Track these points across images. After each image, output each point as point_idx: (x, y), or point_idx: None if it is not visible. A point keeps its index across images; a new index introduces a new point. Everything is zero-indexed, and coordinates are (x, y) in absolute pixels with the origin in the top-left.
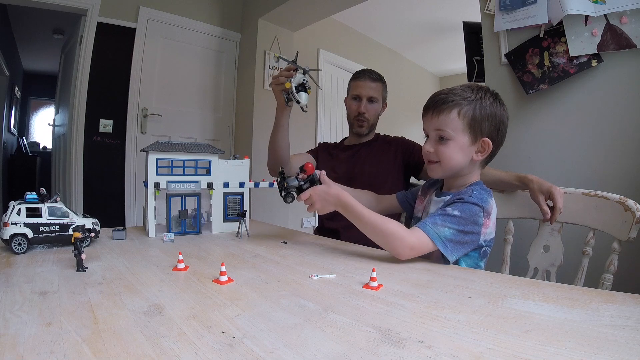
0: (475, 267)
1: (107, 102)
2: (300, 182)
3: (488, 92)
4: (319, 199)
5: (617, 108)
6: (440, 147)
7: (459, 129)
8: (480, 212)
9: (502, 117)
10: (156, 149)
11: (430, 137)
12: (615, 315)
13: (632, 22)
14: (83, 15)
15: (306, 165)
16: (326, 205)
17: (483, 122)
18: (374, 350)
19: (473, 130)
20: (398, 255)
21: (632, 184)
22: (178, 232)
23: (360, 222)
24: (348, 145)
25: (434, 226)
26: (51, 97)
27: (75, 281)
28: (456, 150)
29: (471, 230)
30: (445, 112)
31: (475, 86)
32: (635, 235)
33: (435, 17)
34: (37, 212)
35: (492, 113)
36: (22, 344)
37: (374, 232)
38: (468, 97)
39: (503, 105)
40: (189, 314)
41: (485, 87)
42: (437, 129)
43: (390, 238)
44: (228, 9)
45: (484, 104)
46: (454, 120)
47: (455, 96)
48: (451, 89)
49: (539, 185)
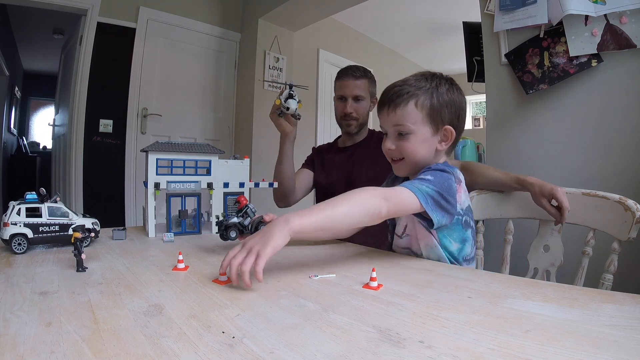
0: (462, 240)
1: (107, 102)
2: (238, 217)
3: (443, 79)
4: (257, 239)
5: (617, 108)
6: (401, 143)
7: (419, 120)
8: (450, 177)
9: (460, 103)
10: (156, 149)
11: (389, 133)
12: (615, 315)
13: (632, 22)
14: (83, 15)
15: (238, 198)
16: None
17: (442, 110)
18: (374, 350)
19: (433, 119)
20: (378, 211)
21: (632, 184)
22: (178, 232)
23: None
24: (342, 147)
25: (411, 183)
26: (51, 97)
27: (75, 281)
28: (419, 144)
29: (448, 197)
30: (402, 106)
31: (429, 74)
32: (635, 235)
33: (435, 17)
34: (37, 212)
35: (450, 100)
36: (22, 344)
37: (345, 209)
38: (423, 87)
39: (460, 91)
40: (189, 314)
41: (439, 74)
42: (395, 124)
43: (361, 198)
44: (228, 9)
45: (440, 92)
46: (412, 112)
47: (410, 87)
48: (404, 80)
49: (540, 188)
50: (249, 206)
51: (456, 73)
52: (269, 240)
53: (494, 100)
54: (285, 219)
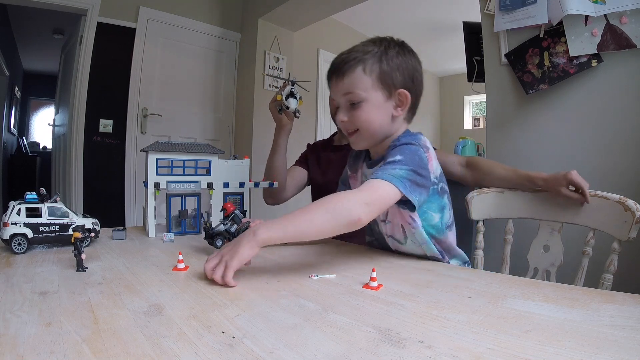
0: (441, 208)
1: (107, 102)
2: (225, 224)
3: (392, 42)
4: (228, 249)
5: (617, 108)
6: (354, 113)
7: (369, 86)
8: (419, 149)
9: (413, 64)
10: (156, 149)
11: (341, 105)
12: (615, 315)
13: (632, 22)
14: (83, 15)
15: (225, 205)
16: (236, 248)
17: (394, 74)
18: (374, 350)
19: (385, 84)
20: (358, 219)
21: (632, 184)
22: (178, 232)
23: (299, 222)
24: (338, 145)
25: (384, 171)
26: (51, 97)
27: (75, 281)
28: (372, 111)
29: (422, 172)
30: (349, 72)
31: (377, 38)
32: (635, 235)
33: (435, 17)
34: (37, 212)
35: (401, 62)
36: (22, 344)
37: (320, 219)
38: (371, 51)
39: (412, 53)
40: (189, 314)
41: (389, 38)
42: (345, 93)
43: (338, 207)
44: (228, 9)
45: (390, 55)
46: (361, 78)
47: (357, 53)
48: (352, 47)
49: (555, 181)
50: (236, 212)
51: (456, 73)
52: (236, 253)
53: (494, 100)
54: (254, 230)
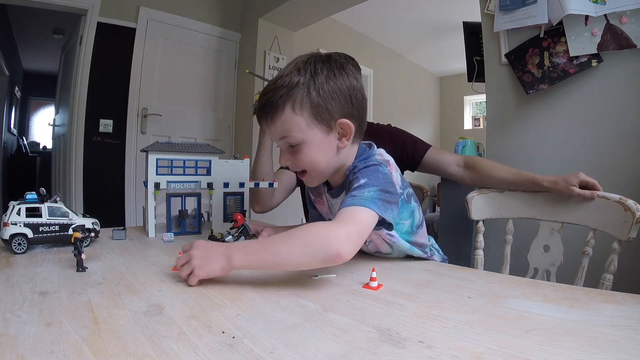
0: (411, 212)
1: (107, 102)
2: (234, 236)
3: (319, 63)
4: (200, 254)
5: (617, 108)
6: (296, 156)
7: (304, 126)
8: (378, 167)
9: (349, 83)
10: (156, 149)
11: (280, 147)
12: (615, 315)
13: (632, 22)
14: (83, 15)
15: (235, 216)
16: (208, 260)
17: (328, 104)
18: (374, 350)
19: (321, 118)
20: (338, 255)
21: (632, 184)
22: (178, 232)
23: (277, 254)
24: None
25: (354, 198)
26: (51, 97)
27: (75, 281)
28: (314, 151)
29: (390, 188)
30: (279, 115)
31: (301, 62)
32: (635, 235)
33: (435, 17)
34: (37, 212)
35: (334, 87)
36: (22, 344)
37: (299, 253)
38: (297, 83)
39: (343, 67)
40: (189, 314)
41: (315, 57)
42: (280, 137)
43: (317, 242)
44: (228, 9)
45: (319, 82)
46: (292, 119)
47: (282, 89)
48: (276, 78)
49: (565, 182)
50: (245, 225)
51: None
52: (206, 265)
53: (494, 100)
54: (230, 252)
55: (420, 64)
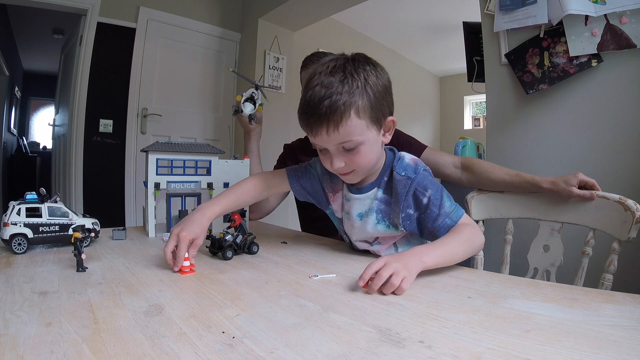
0: None
1: (107, 102)
2: (233, 235)
3: (361, 63)
4: (400, 264)
5: (617, 108)
6: (351, 157)
7: (364, 128)
8: (426, 173)
9: (389, 80)
10: (156, 149)
11: (332, 152)
12: (615, 315)
13: (632, 22)
14: (83, 15)
15: (233, 216)
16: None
17: (382, 103)
18: (374, 350)
19: (376, 119)
20: (483, 244)
21: (632, 184)
22: None
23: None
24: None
25: (447, 218)
26: (51, 97)
27: (75, 281)
28: (369, 151)
29: (440, 185)
30: (344, 121)
31: (341, 65)
32: (635, 235)
33: (435, 17)
34: (37, 212)
35: (385, 85)
36: (22, 344)
37: (466, 249)
38: (354, 86)
39: (377, 66)
40: (189, 314)
41: (352, 57)
42: (340, 142)
43: (474, 242)
44: (228, 9)
45: (372, 82)
46: (357, 123)
47: (342, 95)
48: (325, 85)
49: (565, 183)
50: (242, 224)
51: (456, 73)
52: (411, 269)
53: (494, 100)
54: (419, 255)
55: (420, 64)
